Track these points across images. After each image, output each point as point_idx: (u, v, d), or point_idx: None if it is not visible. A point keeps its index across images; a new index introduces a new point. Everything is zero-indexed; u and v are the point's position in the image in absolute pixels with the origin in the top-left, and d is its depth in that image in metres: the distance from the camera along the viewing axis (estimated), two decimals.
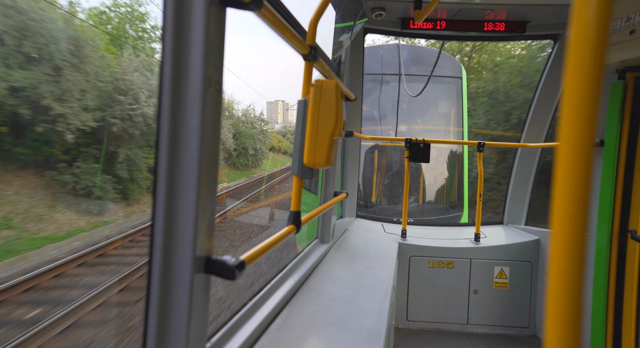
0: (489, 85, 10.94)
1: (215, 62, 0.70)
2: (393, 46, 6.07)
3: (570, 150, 0.31)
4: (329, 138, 1.11)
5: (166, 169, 0.68)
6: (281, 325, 1.28)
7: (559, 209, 0.32)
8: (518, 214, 3.13)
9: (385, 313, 1.46)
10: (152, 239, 0.69)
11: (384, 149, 6.06)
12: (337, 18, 2.17)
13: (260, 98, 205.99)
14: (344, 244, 2.45)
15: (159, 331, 0.69)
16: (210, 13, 0.67)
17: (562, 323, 0.31)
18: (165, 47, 0.66)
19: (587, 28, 0.31)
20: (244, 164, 24.22)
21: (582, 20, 0.32)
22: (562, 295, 0.31)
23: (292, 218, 1.18)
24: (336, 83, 1.13)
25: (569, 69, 0.32)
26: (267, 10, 0.84)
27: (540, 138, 2.92)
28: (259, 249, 0.91)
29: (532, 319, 2.66)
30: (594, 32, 0.31)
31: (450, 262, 2.66)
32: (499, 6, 2.38)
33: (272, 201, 14.26)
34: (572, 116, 0.31)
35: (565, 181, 0.31)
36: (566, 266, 0.31)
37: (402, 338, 2.53)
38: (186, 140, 0.68)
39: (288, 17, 0.99)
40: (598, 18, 0.31)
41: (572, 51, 0.33)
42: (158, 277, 0.69)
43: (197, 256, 0.70)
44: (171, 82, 0.67)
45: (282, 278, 1.58)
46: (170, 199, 0.68)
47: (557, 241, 0.32)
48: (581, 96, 0.31)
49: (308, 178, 1.16)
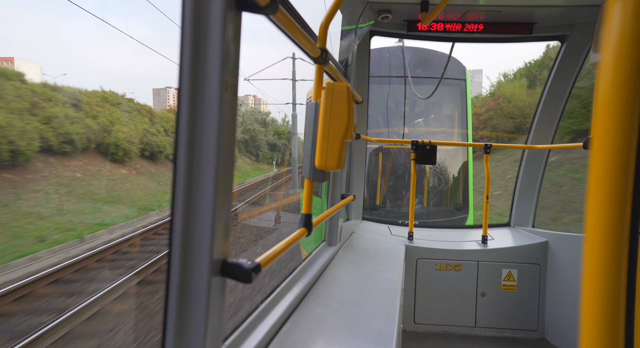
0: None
1: (231, 66, 0.70)
2: (398, 48, 6.08)
3: (605, 152, 0.31)
4: (340, 141, 1.11)
5: (184, 172, 0.68)
6: (292, 329, 1.28)
7: (594, 212, 0.31)
8: (525, 216, 3.11)
9: (395, 315, 1.45)
10: (171, 242, 0.69)
11: (388, 152, 6.06)
12: (344, 21, 2.18)
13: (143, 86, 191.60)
14: (351, 247, 2.45)
15: (177, 333, 0.70)
16: (227, 17, 0.67)
17: (599, 332, 0.31)
18: (183, 51, 0.67)
19: (622, 25, 0.31)
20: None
21: (617, 18, 0.31)
22: (599, 304, 0.31)
23: (303, 221, 1.18)
24: (347, 86, 1.13)
25: (604, 68, 0.32)
26: (282, 14, 0.85)
27: (547, 139, 2.91)
28: (273, 252, 0.92)
29: (540, 322, 2.64)
30: (628, 31, 0.31)
31: (457, 264, 2.65)
32: (505, 8, 2.37)
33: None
34: (606, 117, 0.31)
35: (600, 183, 0.31)
36: (601, 273, 0.31)
37: (409, 341, 2.51)
38: (204, 143, 0.68)
39: (300, 21, 1.00)
40: (633, 16, 0.30)
41: (606, 50, 0.32)
42: (176, 279, 0.69)
43: (214, 260, 0.70)
44: (189, 86, 0.67)
45: (292, 281, 1.58)
46: (189, 201, 0.69)
47: (591, 246, 0.32)
48: (615, 95, 0.31)
49: (319, 181, 1.16)
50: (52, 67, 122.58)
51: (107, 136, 17.46)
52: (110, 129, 17.82)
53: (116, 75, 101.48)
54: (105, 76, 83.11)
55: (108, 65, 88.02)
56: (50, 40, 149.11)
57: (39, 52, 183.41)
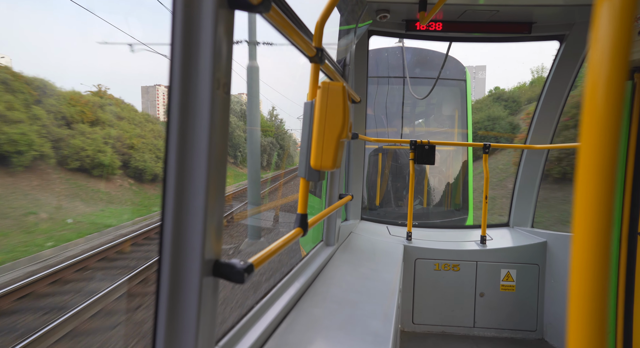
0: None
1: (223, 64, 0.70)
2: (397, 49, 6.07)
3: (593, 152, 0.30)
4: (336, 140, 1.11)
5: (175, 171, 0.68)
6: (288, 329, 1.27)
7: (582, 213, 0.31)
8: (524, 216, 3.10)
9: (392, 316, 1.44)
10: (161, 242, 0.68)
11: (387, 152, 6.05)
12: (341, 20, 2.17)
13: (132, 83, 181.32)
14: (349, 247, 2.44)
15: (168, 334, 0.69)
16: (219, 15, 0.67)
17: (586, 330, 0.30)
18: (174, 49, 0.66)
19: (610, 26, 0.31)
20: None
21: (605, 17, 0.31)
22: (585, 302, 0.30)
23: (298, 221, 1.17)
24: (343, 85, 1.12)
25: (591, 69, 0.32)
26: (275, 12, 0.84)
27: (546, 139, 2.90)
28: (267, 252, 0.91)
29: (539, 322, 2.63)
30: (617, 30, 0.30)
31: (456, 265, 2.64)
32: (504, 7, 2.37)
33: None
34: (595, 117, 0.31)
35: (588, 185, 0.31)
36: (589, 272, 0.30)
37: (407, 342, 2.50)
38: (195, 142, 0.67)
39: (295, 20, 0.99)
40: (621, 16, 0.30)
41: (594, 50, 0.32)
42: (167, 280, 0.68)
43: (205, 260, 0.69)
44: (180, 84, 0.67)
45: (288, 281, 1.57)
46: (180, 201, 0.68)
47: (579, 246, 0.31)
48: (604, 96, 0.31)
49: (315, 181, 1.15)
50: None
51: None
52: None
53: (103, 72, 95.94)
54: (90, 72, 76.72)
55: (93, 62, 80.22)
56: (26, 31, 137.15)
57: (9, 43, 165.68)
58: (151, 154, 16.44)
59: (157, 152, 17.05)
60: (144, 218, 11.93)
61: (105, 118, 16.01)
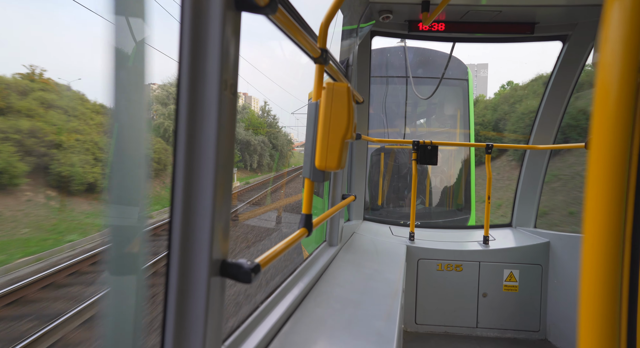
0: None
1: (230, 65, 0.70)
2: (399, 48, 6.07)
3: (604, 152, 0.31)
4: (340, 141, 1.11)
5: (183, 171, 0.68)
6: (292, 329, 1.28)
7: (592, 213, 0.31)
8: (527, 216, 3.10)
9: (396, 316, 1.45)
10: (170, 242, 0.69)
11: (390, 152, 6.05)
12: (345, 21, 2.18)
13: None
14: (352, 247, 2.45)
15: (177, 333, 0.70)
16: (227, 17, 0.67)
17: (596, 330, 0.31)
18: (182, 50, 0.67)
19: (620, 26, 0.31)
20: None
21: (615, 18, 0.31)
22: (596, 298, 0.31)
23: (303, 221, 1.18)
24: (347, 86, 1.13)
25: (601, 69, 0.32)
26: (281, 14, 0.85)
27: (549, 140, 2.90)
28: (273, 252, 0.92)
29: (542, 323, 2.63)
30: (627, 30, 0.31)
31: (458, 265, 2.64)
32: (506, 8, 2.36)
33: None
34: (605, 118, 0.31)
35: (598, 184, 0.31)
36: (599, 271, 0.31)
37: (410, 342, 2.51)
38: (203, 143, 0.68)
39: (300, 21, 0.99)
40: (632, 17, 0.30)
41: (604, 51, 0.32)
42: (175, 280, 0.69)
43: (213, 260, 0.70)
44: (189, 86, 0.67)
45: (292, 281, 1.58)
46: (188, 201, 0.69)
47: (590, 246, 0.31)
48: (614, 96, 0.31)
49: (319, 181, 1.16)
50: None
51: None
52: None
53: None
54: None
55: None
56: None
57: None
58: (87, 156, 11.91)
59: (98, 152, 12.11)
60: (60, 249, 7.12)
61: (21, 106, 11.84)
